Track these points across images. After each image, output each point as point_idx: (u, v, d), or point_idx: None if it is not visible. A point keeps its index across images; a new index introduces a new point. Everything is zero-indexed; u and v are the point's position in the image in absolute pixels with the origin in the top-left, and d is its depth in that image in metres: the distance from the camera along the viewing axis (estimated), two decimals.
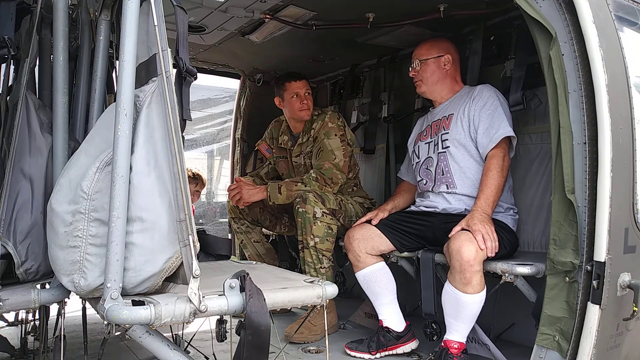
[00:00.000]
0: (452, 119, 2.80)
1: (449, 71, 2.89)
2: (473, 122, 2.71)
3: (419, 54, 2.92)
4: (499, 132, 2.61)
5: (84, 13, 2.03)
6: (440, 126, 2.87)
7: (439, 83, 2.90)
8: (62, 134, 1.89)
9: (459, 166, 2.74)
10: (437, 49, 2.89)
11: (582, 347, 2.03)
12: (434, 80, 2.89)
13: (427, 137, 2.95)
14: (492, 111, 2.68)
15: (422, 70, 2.89)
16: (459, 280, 2.37)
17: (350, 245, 2.83)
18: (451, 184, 2.76)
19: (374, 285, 2.81)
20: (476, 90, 2.78)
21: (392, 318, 2.80)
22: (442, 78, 2.90)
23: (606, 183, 2.00)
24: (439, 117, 2.91)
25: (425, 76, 2.89)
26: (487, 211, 2.50)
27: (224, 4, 2.91)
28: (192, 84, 1.62)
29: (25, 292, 1.75)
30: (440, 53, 2.88)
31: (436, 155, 2.85)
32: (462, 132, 2.75)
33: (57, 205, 1.60)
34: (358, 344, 2.77)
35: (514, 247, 2.64)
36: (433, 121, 2.95)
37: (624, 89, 2.12)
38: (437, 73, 2.89)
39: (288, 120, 3.57)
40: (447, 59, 2.88)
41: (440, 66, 2.88)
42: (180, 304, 1.43)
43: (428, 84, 2.91)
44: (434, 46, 2.90)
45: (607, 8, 2.18)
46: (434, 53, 2.88)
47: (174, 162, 1.46)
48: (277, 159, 3.72)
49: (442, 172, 2.79)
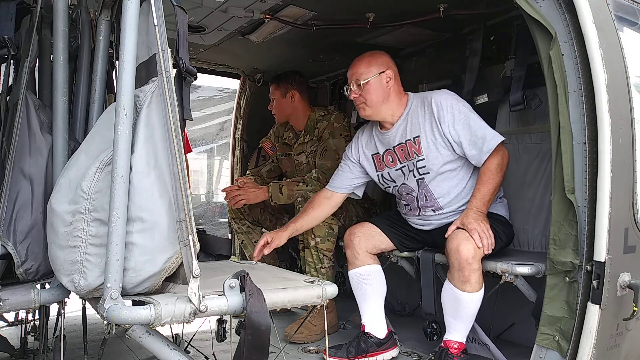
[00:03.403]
0: (422, 143, 2.59)
1: (392, 87, 2.65)
2: (453, 141, 2.53)
3: (357, 74, 2.64)
4: (487, 142, 2.48)
5: (84, 13, 2.03)
6: (409, 152, 2.64)
7: (384, 103, 2.64)
8: (62, 134, 1.89)
9: (442, 189, 2.62)
10: (376, 66, 2.63)
11: (582, 347, 2.03)
12: (379, 100, 2.63)
13: (395, 163, 2.72)
14: (464, 119, 2.51)
15: (365, 92, 2.62)
16: (457, 279, 2.37)
17: (350, 242, 2.80)
18: (437, 207, 2.67)
19: (365, 286, 2.76)
20: (433, 104, 2.56)
21: (375, 323, 2.74)
22: (386, 97, 2.64)
23: (606, 183, 2.00)
24: (401, 140, 2.67)
25: (368, 98, 2.62)
26: (481, 209, 2.46)
27: (224, 4, 2.91)
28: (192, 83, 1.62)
29: (25, 292, 1.75)
30: (381, 69, 2.62)
31: (414, 182, 2.67)
32: (439, 156, 2.57)
33: (57, 205, 1.60)
34: (337, 349, 2.69)
35: (509, 237, 2.64)
36: (395, 145, 2.70)
37: (624, 89, 2.12)
38: (381, 92, 2.62)
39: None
40: (389, 75, 2.63)
41: (382, 84, 2.62)
42: (180, 304, 1.43)
43: (373, 106, 2.64)
44: (372, 63, 2.64)
45: (607, 8, 2.18)
46: (374, 71, 2.62)
47: (174, 162, 1.46)
48: (281, 157, 3.74)
49: (425, 197, 2.67)
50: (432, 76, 3.58)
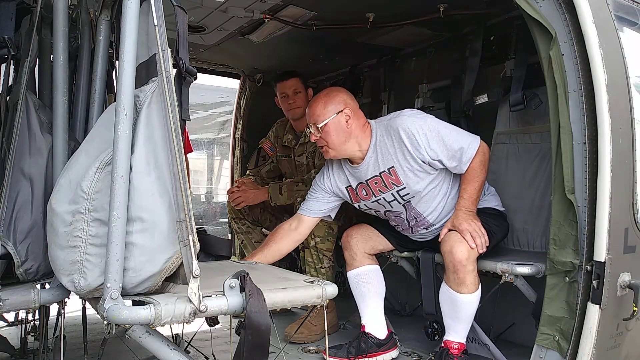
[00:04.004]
0: (398, 173, 2.50)
1: (353, 124, 2.50)
2: (432, 159, 2.44)
3: (315, 117, 2.50)
4: (465, 152, 2.43)
5: (84, 13, 2.03)
6: (387, 183, 2.55)
7: (347, 142, 2.51)
8: (62, 134, 1.88)
9: (430, 207, 2.58)
10: (332, 106, 2.49)
11: (582, 347, 2.03)
12: (341, 141, 2.50)
13: (370, 196, 2.64)
14: (437, 136, 2.42)
15: (325, 135, 2.48)
16: (453, 281, 2.37)
17: (348, 244, 2.81)
18: (428, 224, 2.65)
19: (364, 286, 2.76)
20: (401, 133, 2.44)
21: (375, 324, 2.74)
22: (348, 136, 2.50)
23: (606, 183, 2.00)
24: (375, 173, 2.55)
25: (329, 140, 2.49)
26: (470, 209, 2.43)
27: (224, 4, 2.91)
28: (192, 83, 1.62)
29: (25, 292, 1.75)
30: (338, 109, 2.48)
31: (400, 206, 2.62)
32: (420, 181, 2.50)
33: (57, 205, 1.60)
34: (337, 349, 2.68)
35: (504, 230, 2.64)
36: (368, 179, 2.58)
37: (624, 89, 2.12)
38: (341, 132, 2.48)
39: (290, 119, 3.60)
40: (347, 113, 2.49)
41: (341, 124, 2.48)
42: (180, 304, 1.43)
43: (335, 148, 2.51)
44: (327, 103, 2.50)
45: (607, 8, 2.18)
46: (332, 111, 2.48)
47: (174, 162, 1.46)
48: (281, 158, 3.73)
49: (414, 219, 2.63)
50: (432, 76, 3.58)
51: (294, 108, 3.44)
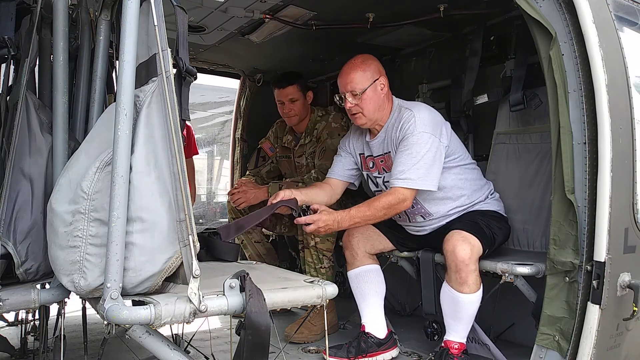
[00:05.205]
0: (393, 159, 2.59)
1: (386, 94, 2.60)
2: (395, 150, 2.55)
3: (353, 85, 2.53)
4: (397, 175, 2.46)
5: (84, 13, 2.03)
6: (386, 165, 2.65)
7: (379, 110, 2.58)
8: (62, 134, 1.89)
9: (426, 194, 2.57)
10: (370, 74, 2.54)
11: (582, 347, 2.03)
12: (375, 108, 2.56)
13: (375, 171, 2.74)
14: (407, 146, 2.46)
15: (362, 102, 2.52)
16: (455, 280, 2.37)
17: (349, 243, 2.81)
18: (425, 212, 2.66)
19: (364, 285, 2.76)
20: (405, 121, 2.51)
21: (375, 323, 2.74)
22: (381, 104, 2.58)
23: (606, 183, 2.00)
24: (380, 152, 2.67)
25: (366, 108, 2.53)
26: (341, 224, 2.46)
27: (224, 4, 2.91)
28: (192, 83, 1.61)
29: (25, 292, 1.75)
30: (375, 76, 2.54)
31: None
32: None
33: (57, 205, 1.60)
34: (337, 349, 2.68)
35: (506, 232, 2.66)
36: (376, 156, 2.70)
37: (624, 89, 2.12)
38: (376, 100, 2.55)
39: None
40: (382, 82, 2.56)
41: (377, 92, 2.55)
42: (180, 304, 1.43)
43: (369, 115, 2.57)
44: (365, 71, 2.54)
45: (607, 8, 2.18)
46: (369, 79, 2.53)
47: (174, 162, 1.46)
48: (280, 158, 3.73)
49: (411, 205, 2.59)
50: (432, 76, 3.58)
51: (290, 116, 3.47)
